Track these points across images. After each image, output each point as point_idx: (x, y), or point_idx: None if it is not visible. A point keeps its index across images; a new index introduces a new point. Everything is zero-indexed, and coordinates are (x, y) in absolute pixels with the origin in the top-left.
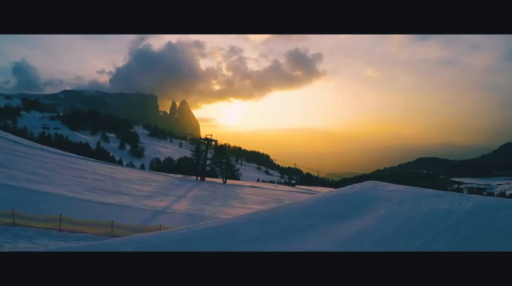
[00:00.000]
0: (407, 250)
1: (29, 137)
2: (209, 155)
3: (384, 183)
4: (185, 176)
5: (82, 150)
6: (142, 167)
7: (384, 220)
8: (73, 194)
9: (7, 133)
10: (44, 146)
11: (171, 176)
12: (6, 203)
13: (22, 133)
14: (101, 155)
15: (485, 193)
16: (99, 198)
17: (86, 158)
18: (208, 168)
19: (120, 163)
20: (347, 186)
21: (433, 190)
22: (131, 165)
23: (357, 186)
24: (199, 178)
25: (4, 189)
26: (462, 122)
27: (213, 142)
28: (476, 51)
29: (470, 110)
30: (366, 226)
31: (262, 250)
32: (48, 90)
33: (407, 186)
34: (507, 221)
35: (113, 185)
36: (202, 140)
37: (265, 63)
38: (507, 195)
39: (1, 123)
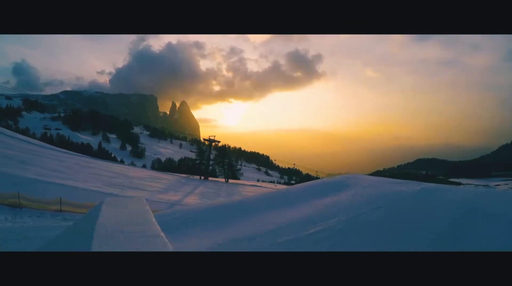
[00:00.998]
0: (364, 212)
1: (32, 137)
2: (211, 156)
3: (363, 175)
4: (189, 175)
5: (85, 150)
6: (144, 167)
7: (352, 196)
8: (97, 188)
9: (17, 133)
10: (55, 147)
11: (177, 175)
12: (47, 194)
13: (24, 133)
14: (103, 156)
15: None
16: (120, 192)
17: (96, 158)
18: (210, 167)
19: (121, 163)
20: (334, 176)
21: (400, 179)
22: (133, 166)
23: (341, 176)
24: (202, 177)
25: (37, 183)
26: (462, 123)
27: (214, 143)
28: (476, 51)
29: (469, 110)
30: (339, 198)
31: (269, 210)
32: (48, 91)
33: (383, 178)
34: (437, 198)
35: (128, 182)
36: (205, 141)
37: (265, 64)
38: None
39: (2, 124)
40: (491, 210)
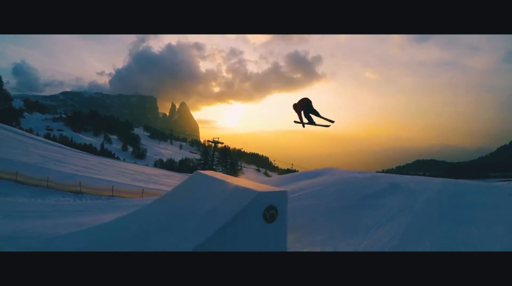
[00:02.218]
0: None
1: None
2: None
3: (338, 168)
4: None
5: (88, 151)
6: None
7: (322, 180)
8: (125, 182)
9: (36, 135)
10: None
11: (184, 174)
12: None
13: None
14: (107, 156)
15: None
16: (146, 185)
17: (112, 159)
18: (214, 167)
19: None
20: (315, 169)
21: (370, 172)
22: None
23: (321, 169)
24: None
25: (78, 177)
26: (461, 124)
27: (219, 144)
28: (475, 53)
29: (468, 111)
30: (313, 182)
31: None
32: (48, 91)
33: (358, 170)
34: (382, 184)
35: (147, 178)
36: (209, 142)
37: (265, 66)
38: None
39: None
40: (409, 188)
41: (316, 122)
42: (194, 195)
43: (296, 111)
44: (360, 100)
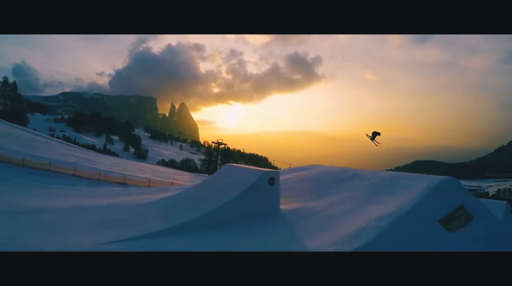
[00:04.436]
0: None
1: None
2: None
3: (323, 165)
4: (199, 174)
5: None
6: None
7: (307, 172)
8: (148, 177)
9: (52, 137)
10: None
11: (190, 173)
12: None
13: None
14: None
15: (476, 194)
16: (164, 180)
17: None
18: (218, 167)
19: None
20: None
21: (343, 167)
22: None
23: (309, 165)
24: (210, 176)
25: (114, 173)
26: (460, 125)
27: (222, 146)
28: (475, 53)
29: (468, 112)
30: (299, 174)
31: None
32: (48, 92)
33: (339, 166)
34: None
35: (163, 175)
36: (214, 144)
37: (265, 67)
38: (490, 195)
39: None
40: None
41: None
42: (229, 175)
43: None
44: (360, 101)
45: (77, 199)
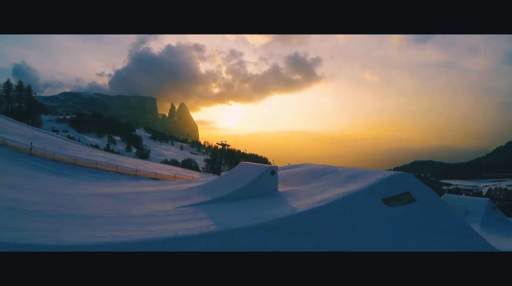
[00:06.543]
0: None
1: None
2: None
3: (312, 163)
4: (203, 173)
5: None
6: None
7: (298, 169)
8: (166, 173)
9: (66, 138)
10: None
11: (195, 172)
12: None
13: None
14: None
15: (471, 194)
16: (186, 176)
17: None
18: (222, 167)
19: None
20: (298, 164)
21: (328, 165)
22: None
23: (302, 163)
24: (215, 175)
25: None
26: (460, 125)
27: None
28: (474, 54)
29: (468, 112)
30: (292, 170)
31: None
32: (48, 92)
33: (326, 164)
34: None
35: (173, 172)
36: (218, 144)
37: (265, 67)
38: (483, 195)
39: None
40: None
41: None
42: (244, 169)
43: None
44: (359, 101)
45: (136, 188)
